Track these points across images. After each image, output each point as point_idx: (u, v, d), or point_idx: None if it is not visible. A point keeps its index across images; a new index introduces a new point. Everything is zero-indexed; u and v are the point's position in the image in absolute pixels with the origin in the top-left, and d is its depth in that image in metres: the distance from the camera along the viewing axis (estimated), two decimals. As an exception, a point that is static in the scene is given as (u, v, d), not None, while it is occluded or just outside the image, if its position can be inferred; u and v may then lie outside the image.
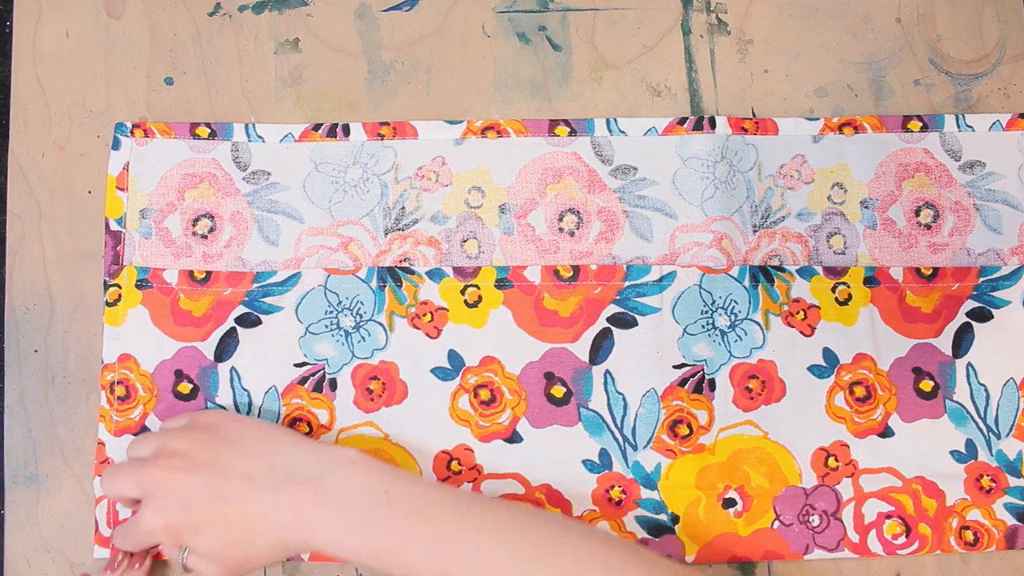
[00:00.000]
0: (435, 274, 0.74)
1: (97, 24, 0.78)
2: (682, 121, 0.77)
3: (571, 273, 0.74)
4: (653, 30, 0.80)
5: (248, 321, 0.74)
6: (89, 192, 0.76)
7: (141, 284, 0.74)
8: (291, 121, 0.77)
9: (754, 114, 0.78)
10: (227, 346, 0.74)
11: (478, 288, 0.74)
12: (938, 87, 0.79)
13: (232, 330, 0.74)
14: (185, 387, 0.73)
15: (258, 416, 0.73)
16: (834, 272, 0.75)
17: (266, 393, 0.73)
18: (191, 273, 0.74)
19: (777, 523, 0.72)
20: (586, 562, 0.62)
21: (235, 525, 0.65)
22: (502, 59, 0.79)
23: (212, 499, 0.65)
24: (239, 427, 0.69)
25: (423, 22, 0.79)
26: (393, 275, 0.74)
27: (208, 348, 0.73)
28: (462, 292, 0.74)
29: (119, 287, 0.74)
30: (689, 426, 0.73)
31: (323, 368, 0.73)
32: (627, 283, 0.74)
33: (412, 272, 0.74)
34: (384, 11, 0.79)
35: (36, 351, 0.74)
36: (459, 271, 0.74)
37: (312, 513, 0.64)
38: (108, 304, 0.74)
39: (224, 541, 0.65)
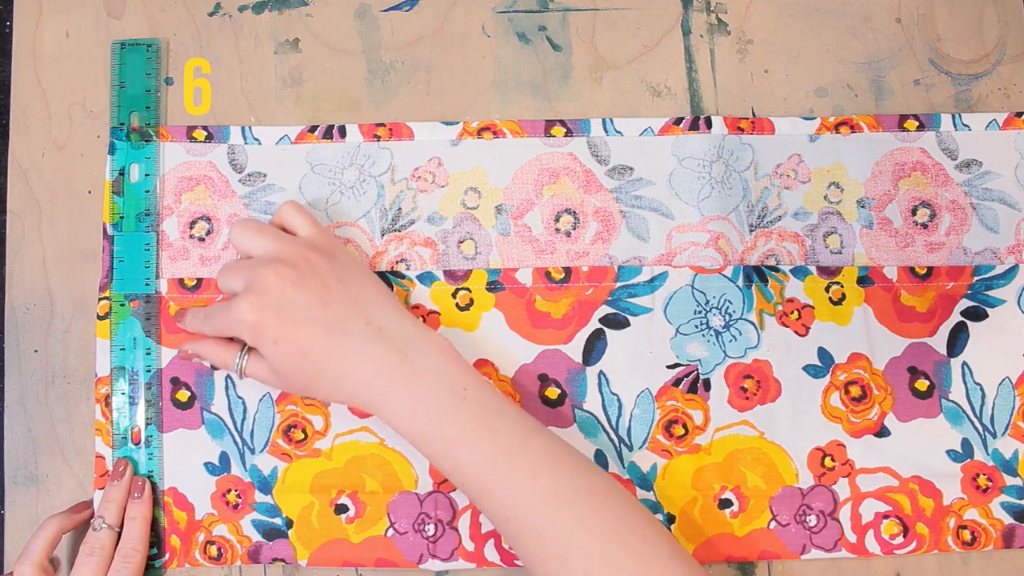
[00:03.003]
0: (425, 278, 0.74)
1: (97, 24, 0.79)
2: (678, 121, 0.77)
3: (562, 275, 0.74)
4: (653, 30, 0.80)
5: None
6: (89, 192, 0.76)
7: (131, 296, 0.74)
8: (291, 121, 0.77)
9: (754, 114, 0.78)
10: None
11: (469, 291, 0.74)
12: (938, 87, 0.79)
13: None
14: (183, 395, 0.73)
15: (253, 422, 0.73)
16: (828, 272, 0.75)
17: (260, 400, 0.73)
18: (181, 281, 0.74)
19: (774, 523, 0.72)
20: (625, 528, 0.63)
21: (314, 356, 0.65)
22: (502, 59, 0.79)
23: (304, 322, 0.65)
24: (351, 265, 0.69)
25: (423, 22, 0.80)
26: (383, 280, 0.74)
27: None
28: (453, 295, 0.74)
29: (109, 299, 0.74)
30: (684, 426, 0.73)
31: None
32: (618, 284, 0.74)
33: (403, 276, 0.74)
34: (384, 11, 0.80)
35: (36, 351, 0.74)
36: (450, 274, 0.74)
37: (392, 380, 0.65)
38: (99, 318, 0.74)
39: (296, 365, 0.66)
